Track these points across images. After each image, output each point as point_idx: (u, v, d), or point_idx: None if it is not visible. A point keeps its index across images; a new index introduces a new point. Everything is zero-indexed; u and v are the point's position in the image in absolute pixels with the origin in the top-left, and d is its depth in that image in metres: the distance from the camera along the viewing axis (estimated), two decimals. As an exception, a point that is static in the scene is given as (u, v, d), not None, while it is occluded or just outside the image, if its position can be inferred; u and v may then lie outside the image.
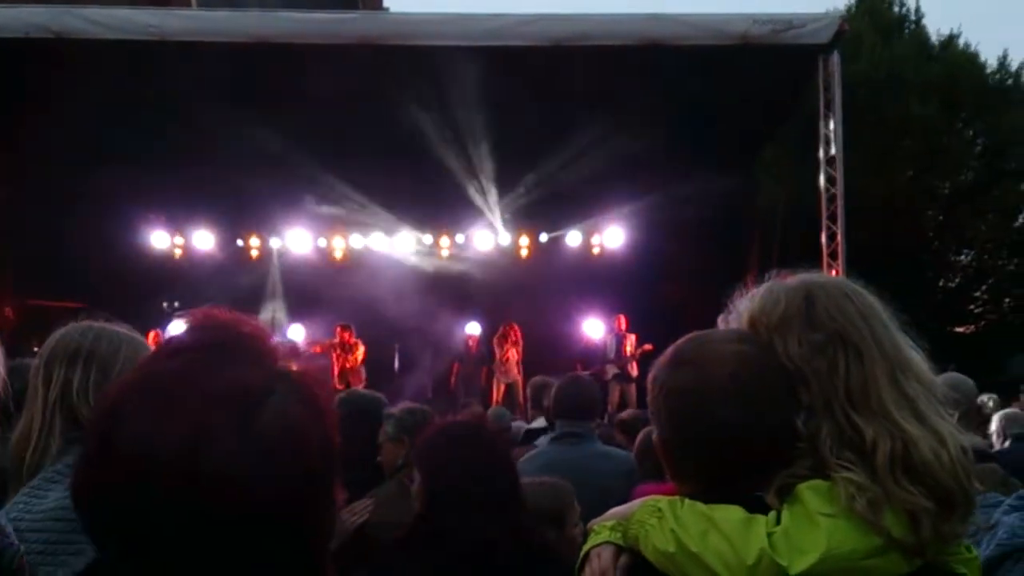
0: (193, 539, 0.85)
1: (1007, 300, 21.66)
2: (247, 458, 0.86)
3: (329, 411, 0.97)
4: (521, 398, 12.54)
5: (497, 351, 13.90)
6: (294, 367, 0.97)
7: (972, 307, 21.96)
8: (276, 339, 0.99)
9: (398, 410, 4.08)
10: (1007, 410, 5.76)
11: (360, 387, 11.61)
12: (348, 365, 13.56)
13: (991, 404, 6.71)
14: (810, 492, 1.37)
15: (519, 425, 7.27)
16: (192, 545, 0.85)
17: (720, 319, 1.64)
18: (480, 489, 2.51)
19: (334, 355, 13.55)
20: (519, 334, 13.94)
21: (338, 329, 13.77)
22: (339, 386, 12.32)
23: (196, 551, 0.86)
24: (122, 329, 2.24)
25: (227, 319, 0.99)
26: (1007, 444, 5.21)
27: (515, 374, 13.69)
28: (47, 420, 2.06)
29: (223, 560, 0.87)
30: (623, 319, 13.71)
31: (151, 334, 13.19)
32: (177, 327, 0.99)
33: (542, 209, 14.42)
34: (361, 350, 13.74)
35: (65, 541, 1.80)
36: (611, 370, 13.43)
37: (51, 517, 1.84)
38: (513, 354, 13.80)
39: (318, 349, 13.34)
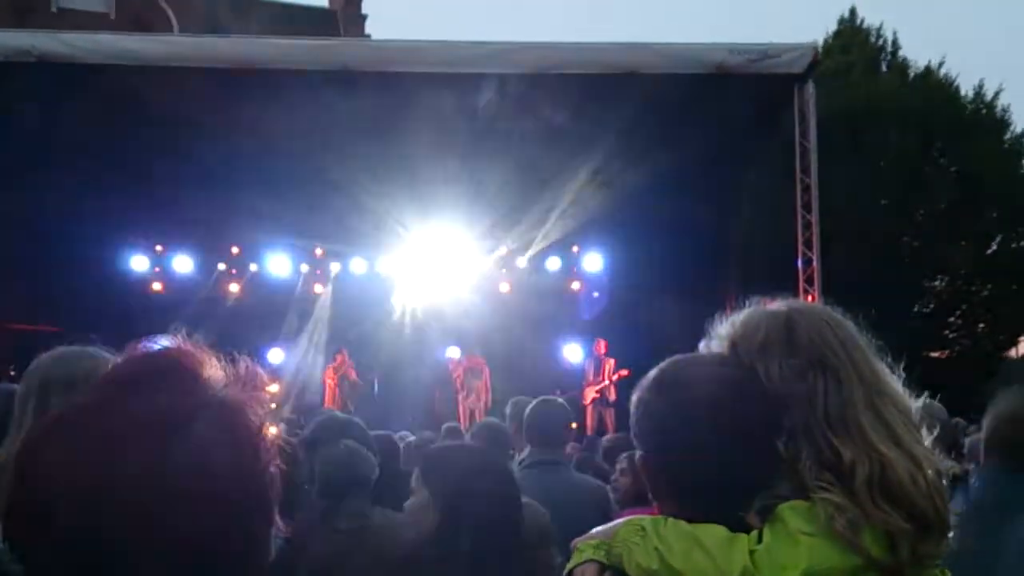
0: (112, 560, 0.83)
1: (981, 325, 21.88)
2: (154, 491, 0.84)
3: (255, 441, 0.93)
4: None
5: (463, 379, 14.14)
6: (227, 395, 0.93)
7: (946, 332, 22.14)
8: (219, 366, 0.95)
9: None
10: (976, 435, 5.85)
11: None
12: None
13: (971, 429, 6.77)
14: (790, 512, 1.38)
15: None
16: (111, 567, 0.84)
17: (702, 344, 1.65)
18: (495, 513, 2.47)
19: (333, 379, 13.52)
20: (479, 362, 14.05)
21: (344, 355, 13.80)
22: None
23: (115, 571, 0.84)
24: (85, 350, 2.24)
25: (164, 348, 0.96)
26: (971, 466, 5.33)
27: (473, 400, 13.86)
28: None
29: None
30: (603, 343, 13.77)
31: None
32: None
33: (521, 234, 14.49)
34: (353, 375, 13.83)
35: None
36: (590, 394, 13.47)
37: None
38: (475, 383, 13.89)
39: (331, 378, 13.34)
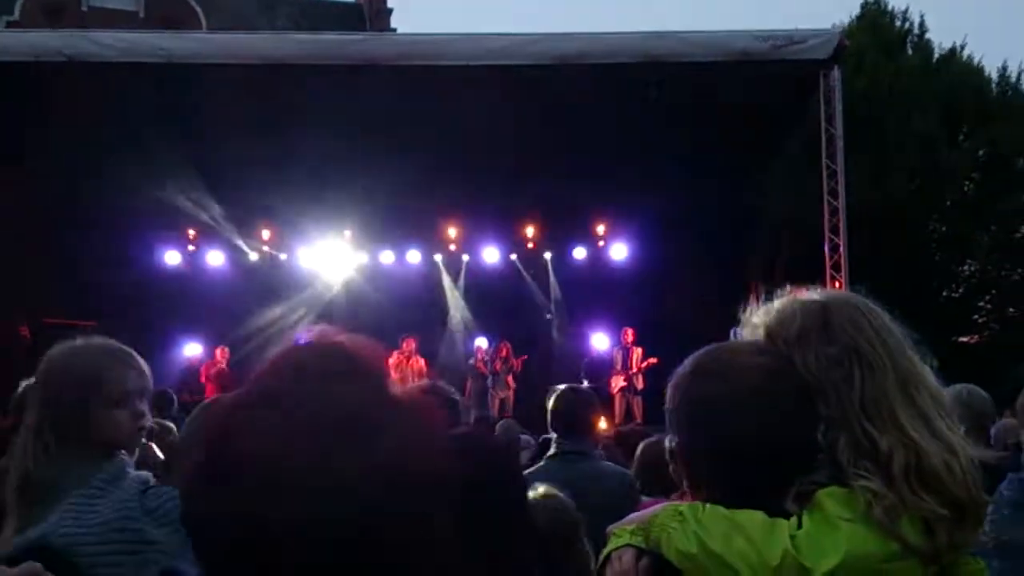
0: (308, 558, 0.83)
1: (1010, 310, 21.66)
2: (367, 480, 0.85)
3: (441, 439, 0.97)
4: (511, 412, 12.91)
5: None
6: (412, 395, 0.96)
7: (976, 317, 21.92)
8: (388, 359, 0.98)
9: None
10: (1003, 420, 5.78)
11: None
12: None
13: (1007, 414, 6.71)
14: (829, 498, 1.39)
15: (527, 439, 7.30)
16: (307, 565, 0.84)
17: (732, 333, 1.68)
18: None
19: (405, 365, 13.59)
20: (508, 351, 14.12)
21: (412, 342, 13.85)
22: None
23: (310, 571, 0.84)
24: (81, 343, 2.22)
25: (340, 340, 0.98)
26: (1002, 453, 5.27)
27: (502, 390, 13.95)
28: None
29: None
30: (630, 332, 13.81)
31: (217, 351, 13.45)
32: (287, 345, 1.00)
33: (549, 224, 14.57)
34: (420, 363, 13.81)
35: (129, 551, 1.88)
36: (618, 382, 13.52)
37: (111, 528, 1.89)
38: (503, 374, 13.99)
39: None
